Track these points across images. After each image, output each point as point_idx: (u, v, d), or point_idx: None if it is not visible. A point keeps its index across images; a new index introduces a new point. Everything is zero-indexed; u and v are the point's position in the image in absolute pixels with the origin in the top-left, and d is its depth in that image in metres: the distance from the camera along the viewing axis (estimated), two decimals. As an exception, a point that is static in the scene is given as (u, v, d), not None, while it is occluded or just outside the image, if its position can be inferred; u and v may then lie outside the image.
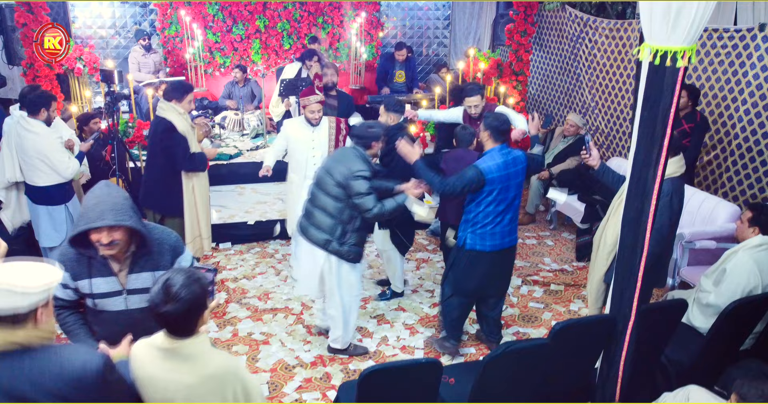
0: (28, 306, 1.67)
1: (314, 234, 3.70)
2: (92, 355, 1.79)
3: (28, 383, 1.67)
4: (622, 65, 6.85)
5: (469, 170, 3.56)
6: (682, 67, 2.33)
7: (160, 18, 8.75)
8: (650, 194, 2.58)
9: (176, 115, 4.27)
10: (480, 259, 3.73)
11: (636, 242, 2.69)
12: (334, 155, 3.83)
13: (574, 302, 4.79)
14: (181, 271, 1.94)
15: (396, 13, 10.01)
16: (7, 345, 1.65)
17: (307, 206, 3.78)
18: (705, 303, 3.46)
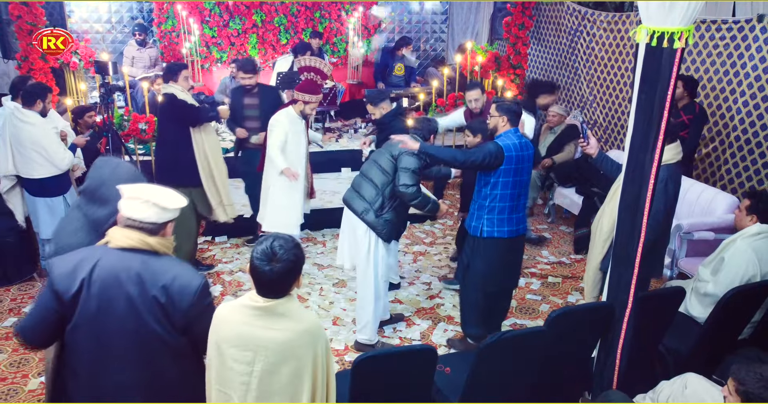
0: (163, 220, 2.12)
1: (356, 203, 3.83)
2: (199, 276, 2.14)
3: (149, 276, 2.04)
4: (620, 58, 6.81)
5: (489, 144, 3.51)
6: (680, 48, 2.30)
7: (156, 12, 8.70)
8: (647, 179, 2.55)
9: (178, 92, 4.41)
10: (500, 246, 3.65)
11: (633, 227, 2.67)
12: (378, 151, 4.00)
13: (571, 294, 4.76)
14: (284, 236, 2.00)
15: (393, 7, 9.97)
16: (142, 244, 2.07)
17: (357, 178, 3.94)
18: (703, 293, 3.43)
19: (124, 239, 2.07)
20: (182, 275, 2.08)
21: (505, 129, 3.57)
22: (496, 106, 3.61)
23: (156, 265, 2.07)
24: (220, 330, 2.06)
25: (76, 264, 2.04)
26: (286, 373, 2.02)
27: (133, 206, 2.08)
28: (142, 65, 7.79)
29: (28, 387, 3.56)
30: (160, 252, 2.11)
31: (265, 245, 1.97)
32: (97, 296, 2.02)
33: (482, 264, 3.70)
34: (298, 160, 4.72)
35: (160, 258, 2.10)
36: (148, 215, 2.07)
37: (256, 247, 1.98)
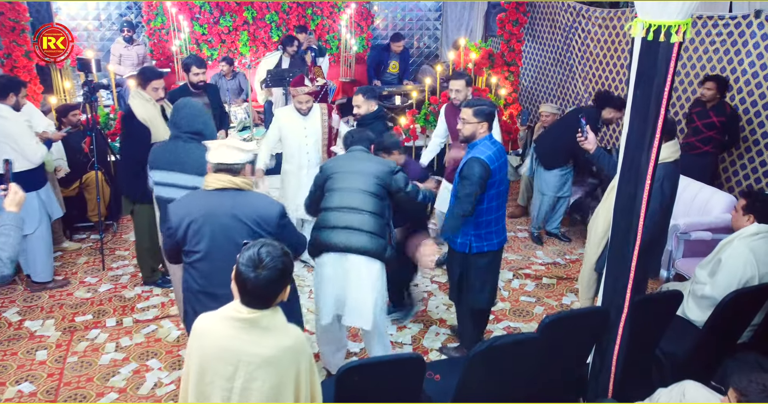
0: (243, 161, 2.66)
1: (368, 242, 3.20)
2: (277, 204, 2.72)
3: (239, 209, 2.59)
4: (615, 55, 6.72)
5: (474, 167, 3.29)
6: (677, 42, 2.20)
7: (145, 9, 8.57)
8: (644, 178, 2.45)
9: (140, 102, 4.23)
10: (489, 260, 3.54)
11: (629, 229, 2.57)
12: (348, 157, 3.48)
13: (566, 295, 4.66)
14: (273, 243, 1.92)
15: (387, 4, 9.85)
16: (231, 184, 2.62)
17: (343, 216, 3.23)
18: (700, 295, 3.34)
19: (216, 182, 2.62)
20: (264, 205, 2.66)
21: (483, 135, 3.42)
22: (473, 112, 3.38)
23: (243, 200, 2.62)
24: (201, 343, 1.96)
25: (183, 208, 2.64)
26: (267, 390, 1.92)
27: (219, 153, 2.62)
28: (129, 63, 7.66)
29: (5, 395, 3.45)
30: (244, 189, 2.65)
31: (252, 251, 1.87)
32: (203, 231, 2.58)
33: (477, 280, 3.55)
34: (299, 157, 4.64)
35: (245, 194, 2.65)
36: (233, 158, 2.61)
37: (243, 253, 1.89)
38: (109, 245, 5.39)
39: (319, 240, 3.27)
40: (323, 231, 3.27)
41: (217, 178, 2.62)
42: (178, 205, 2.67)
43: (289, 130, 4.62)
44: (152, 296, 4.55)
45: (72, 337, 4.01)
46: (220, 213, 2.57)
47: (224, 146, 2.63)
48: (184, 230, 2.60)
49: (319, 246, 3.28)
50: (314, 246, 3.30)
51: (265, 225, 2.61)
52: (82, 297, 4.50)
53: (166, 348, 3.90)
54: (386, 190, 3.35)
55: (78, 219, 5.50)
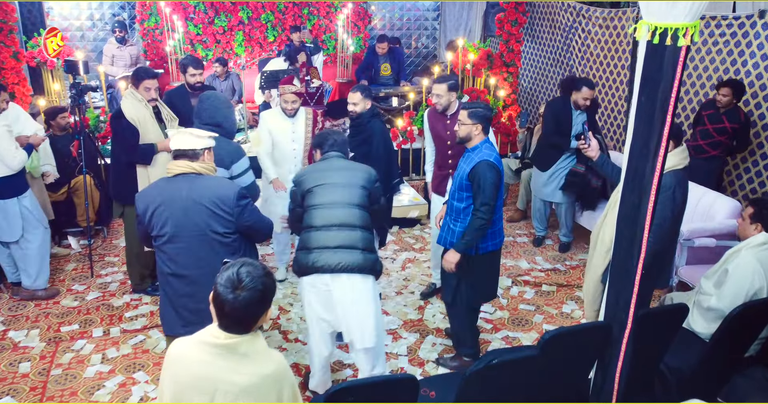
0: (200, 147, 2.81)
1: (362, 259, 3.06)
2: (234, 185, 2.85)
3: (196, 192, 2.72)
4: (616, 56, 6.60)
5: (485, 171, 3.24)
6: (684, 45, 2.08)
7: (138, 9, 8.44)
8: (648, 189, 2.32)
9: (131, 102, 4.12)
10: (494, 259, 3.57)
11: (632, 242, 2.44)
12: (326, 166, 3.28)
13: (566, 303, 4.54)
14: (253, 263, 1.80)
15: (384, 4, 9.72)
16: (189, 169, 2.75)
17: (329, 237, 3.06)
18: (706, 307, 3.22)
19: (176, 168, 2.76)
20: (221, 187, 2.77)
21: (479, 139, 3.38)
22: (468, 113, 3.35)
23: (201, 184, 2.75)
24: (175, 370, 1.83)
25: (147, 196, 2.78)
26: None
27: (178, 139, 2.79)
28: (122, 64, 7.53)
29: (-14, 410, 3.33)
30: (203, 174, 2.77)
31: (231, 271, 1.75)
32: (165, 215, 2.71)
33: (477, 281, 3.52)
34: (285, 161, 4.50)
35: (203, 178, 2.77)
36: (188, 143, 2.77)
37: (222, 273, 1.76)
38: (99, 251, 5.27)
39: (307, 262, 3.06)
40: (312, 252, 3.06)
41: (176, 164, 2.77)
42: (144, 193, 2.84)
43: (277, 133, 4.46)
44: (141, 304, 4.43)
45: (57, 348, 3.89)
46: (179, 197, 2.71)
47: (182, 133, 2.81)
48: (150, 216, 2.74)
49: (308, 268, 3.07)
50: (301, 268, 3.11)
51: (223, 205, 2.73)
52: (68, 306, 4.38)
53: (153, 359, 3.78)
54: (369, 200, 3.24)
55: (67, 225, 5.38)
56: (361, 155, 4.13)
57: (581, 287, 4.73)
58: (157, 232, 2.76)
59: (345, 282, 3.07)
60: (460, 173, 3.44)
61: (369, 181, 3.24)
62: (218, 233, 2.74)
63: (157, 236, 2.77)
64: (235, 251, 2.80)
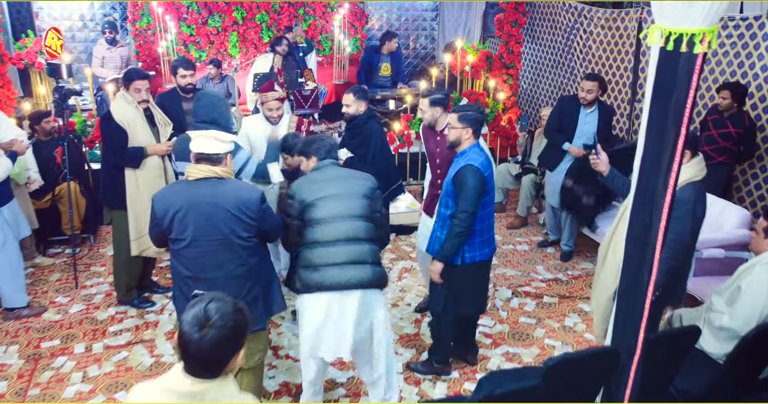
0: (223, 151, 2.75)
1: (372, 273, 2.94)
2: (256, 189, 2.85)
3: (219, 197, 2.69)
4: (619, 58, 6.43)
5: (467, 176, 3.15)
6: (701, 52, 1.90)
7: (130, 9, 8.26)
8: (660, 206, 2.15)
9: (121, 104, 3.97)
10: (481, 270, 3.44)
11: (642, 264, 2.27)
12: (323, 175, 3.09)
13: (569, 316, 4.37)
14: (224, 298, 1.64)
15: (381, 4, 9.55)
16: (211, 173, 2.71)
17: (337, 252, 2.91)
18: (718, 326, 3.04)
19: (197, 172, 2.71)
20: (244, 191, 2.76)
21: (469, 143, 3.28)
22: (458, 117, 3.25)
23: (223, 188, 2.72)
24: None
25: (167, 199, 2.73)
26: None
27: (199, 143, 2.73)
28: (112, 65, 7.35)
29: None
30: (224, 178, 2.74)
31: (198, 308, 1.58)
32: (187, 220, 2.68)
33: (465, 291, 3.40)
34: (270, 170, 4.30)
35: (225, 182, 2.74)
36: (212, 148, 2.71)
37: (188, 310, 1.58)
38: (85, 260, 5.10)
39: (313, 280, 2.90)
40: (319, 269, 2.90)
41: (197, 168, 2.72)
42: (162, 196, 2.77)
43: (258, 140, 4.22)
44: (126, 318, 4.26)
45: (36, 366, 3.71)
46: (202, 201, 2.67)
47: (203, 137, 2.73)
48: (170, 220, 2.70)
49: (315, 287, 2.90)
50: (306, 287, 2.93)
51: (246, 210, 2.71)
52: (50, 320, 4.21)
53: (136, 378, 3.61)
54: (371, 210, 3.07)
55: (52, 233, 5.21)
56: (359, 157, 4.02)
57: (584, 299, 4.57)
58: (177, 236, 2.73)
59: (354, 298, 2.92)
60: (447, 179, 3.32)
61: (371, 190, 3.09)
62: (241, 237, 2.74)
63: (176, 240, 2.74)
64: (254, 253, 2.82)
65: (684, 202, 2.90)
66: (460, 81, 6.82)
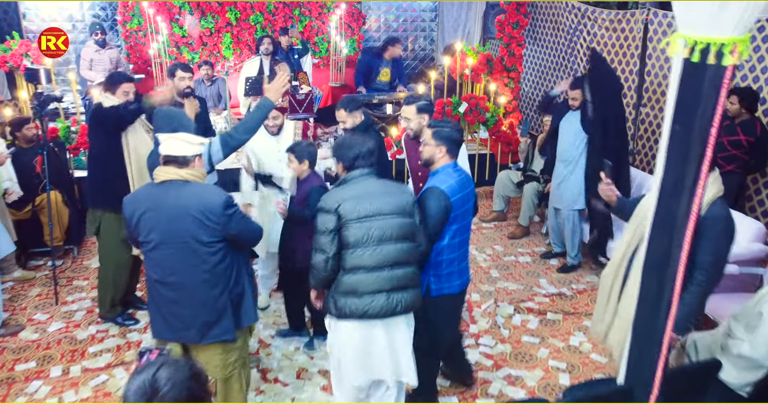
0: (190, 154, 2.68)
1: (416, 298, 2.83)
2: (221, 193, 2.71)
3: (182, 200, 2.63)
4: (624, 60, 6.22)
5: (429, 200, 2.85)
6: (731, 65, 1.69)
7: (121, 10, 8.04)
8: (681, 233, 1.93)
9: (106, 101, 3.82)
10: (450, 304, 3.10)
11: (661, 294, 2.05)
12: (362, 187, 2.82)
13: (574, 335, 4.15)
14: (178, 362, 1.43)
15: (379, 4, 9.32)
16: (176, 176, 2.65)
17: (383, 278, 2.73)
18: (737, 354, 2.81)
19: (164, 174, 2.67)
20: (208, 195, 2.66)
21: (443, 162, 2.98)
22: (432, 133, 2.96)
23: (188, 191, 2.65)
24: None
25: (134, 201, 2.72)
26: None
27: (167, 145, 2.68)
28: (101, 68, 7.12)
29: None
30: (190, 181, 2.67)
31: (145, 375, 1.35)
32: (151, 222, 2.65)
33: (434, 327, 3.07)
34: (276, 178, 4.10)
35: (191, 185, 2.67)
36: (180, 150, 2.66)
37: (134, 378, 1.36)
38: (68, 273, 4.88)
39: (358, 308, 2.72)
40: (363, 297, 2.71)
41: (164, 171, 2.68)
42: (131, 198, 2.78)
43: (262, 154, 4.06)
44: (107, 337, 4.04)
45: (9, 391, 3.49)
46: (166, 204, 2.64)
47: (172, 138, 2.69)
48: (136, 221, 2.68)
49: (358, 314, 2.73)
50: (347, 314, 2.74)
51: (209, 214, 2.63)
52: (27, 340, 3.99)
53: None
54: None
55: (33, 244, 4.99)
56: None
57: (589, 315, 4.35)
58: (144, 238, 2.71)
59: (396, 323, 2.82)
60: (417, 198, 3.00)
61: (411, 204, 2.84)
62: (203, 243, 2.65)
63: (144, 242, 2.72)
64: (221, 260, 2.72)
65: (717, 221, 2.70)
66: (460, 84, 6.60)
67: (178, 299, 2.72)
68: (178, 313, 2.74)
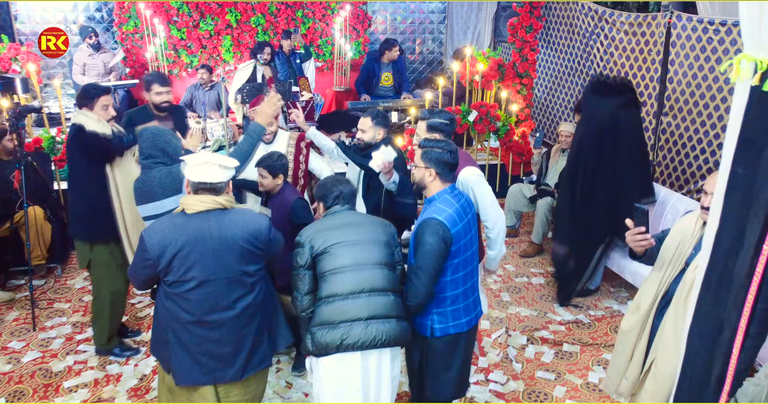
0: (227, 178, 2.50)
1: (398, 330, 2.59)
2: (263, 217, 2.55)
3: (228, 230, 2.42)
4: (644, 66, 5.83)
5: (425, 233, 2.52)
6: (814, 96, 1.34)
7: (117, 12, 7.74)
8: (741, 299, 1.58)
9: (91, 122, 3.45)
10: (459, 343, 2.73)
11: (710, 367, 1.71)
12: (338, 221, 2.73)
13: (593, 370, 3.80)
14: None
15: (385, 5, 8.97)
16: (215, 204, 2.45)
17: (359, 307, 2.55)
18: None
19: (199, 204, 2.42)
20: (253, 221, 2.48)
21: (437, 187, 2.64)
22: (421, 154, 2.63)
23: (230, 220, 2.44)
24: None
25: (164, 235, 2.37)
26: None
27: (202, 171, 2.42)
28: (95, 73, 6.83)
29: None
30: (228, 208, 2.47)
31: None
32: (191, 259, 2.36)
33: (442, 369, 2.74)
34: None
35: (231, 213, 2.47)
36: (216, 176, 2.43)
37: None
38: (49, 294, 4.58)
39: (333, 340, 2.51)
40: (338, 327, 2.53)
41: (199, 200, 2.43)
42: (156, 232, 2.40)
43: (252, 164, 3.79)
44: (85, 369, 3.72)
45: (-28, 434, 3.19)
46: (208, 237, 2.39)
47: (205, 163, 2.43)
48: (168, 260, 2.36)
49: (334, 347, 2.52)
50: (323, 348, 2.54)
51: (256, 241, 2.47)
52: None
53: (86, 452, 3.08)
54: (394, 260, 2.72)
55: (14, 263, 4.70)
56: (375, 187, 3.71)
57: (609, 346, 4.00)
58: (178, 278, 2.39)
59: (376, 358, 2.59)
60: (413, 231, 2.70)
61: (393, 237, 2.74)
62: (249, 273, 2.46)
63: (179, 282, 2.39)
64: (262, 287, 2.55)
65: None
66: (470, 91, 6.25)
67: (219, 337, 2.45)
68: (215, 353, 2.46)
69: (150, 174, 3.04)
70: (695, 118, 5.16)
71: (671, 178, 5.49)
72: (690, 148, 5.24)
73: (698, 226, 2.43)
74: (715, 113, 4.94)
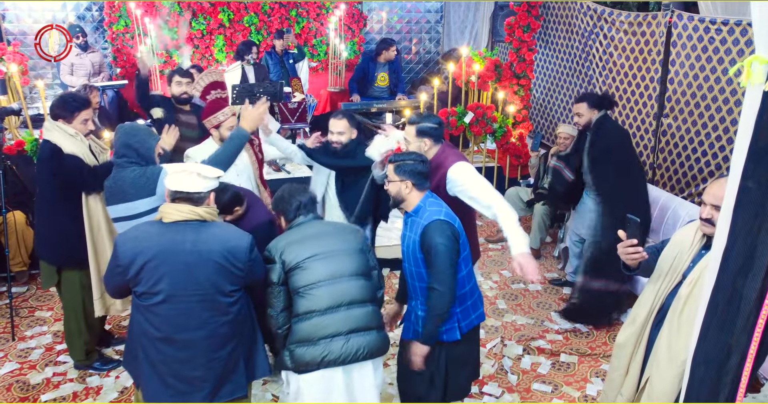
0: (207, 189, 2.36)
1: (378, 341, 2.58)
2: (245, 235, 2.39)
3: (203, 244, 2.28)
4: (644, 66, 5.70)
5: (435, 235, 2.51)
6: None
7: (107, 11, 7.60)
8: (751, 321, 1.45)
9: (64, 137, 3.26)
10: (473, 338, 2.84)
11: (716, 393, 1.58)
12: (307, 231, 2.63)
13: (591, 381, 3.66)
14: None
15: (381, 4, 8.83)
16: (193, 215, 2.30)
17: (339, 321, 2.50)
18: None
19: (176, 213, 2.28)
20: (232, 238, 2.32)
21: (417, 197, 2.64)
22: (394, 168, 2.63)
23: (208, 233, 2.29)
24: None
25: (136, 243, 2.26)
26: None
27: (179, 179, 2.28)
28: (83, 73, 6.69)
29: None
30: (207, 220, 2.32)
31: None
32: (161, 271, 2.22)
33: (461, 367, 2.79)
34: None
35: (210, 226, 2.32)
36: (194, 186, 2.28)
37: None
38: (31, 302, 4.45)
39: (313, 357, 2.46)
40: (318, 343, 2.47)
41: (176, 209, 2.30)
42: (130, 239, 2.30)
43: (243, 164, 3.69)
44: (65, 382, 3.59)
45: (-58, 452, 3.06)
46: (181, 250, 2.25)
47: (185, 172, 2.30)
48: (138, 270, 2.24)
49: (315, 364, 2.47)
50: (304, 365, 2.48)
51: (234, 260, 2.30)
52: (-26, 385, 3.55)
53: (61, 471, 2.94)
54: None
55: (-5, 269, 4.56)
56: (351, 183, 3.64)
57: (607, 357, 3.86)
58: (147, 289, 2.26)
59: (358, 371, 2.57)
60: (409, 246, 2.65)
61: (365, 243, 2.70)
62: (224, 293, 2.30)
63: (146, 294, 2.27)
64: (239, 310, 2.38)
65: None
66: (466, 92, 6.11)
67: (187, 359, 2.31)
68: (183, 376, 2.33)
69: (123, 173, 2.91)
70: (696, 119, 5.03)
71: (672, 181, 5.36)
72: (691, 150, 5.11)
73: (697, 238, 2.29)
74: (717, 115, 4.81)
